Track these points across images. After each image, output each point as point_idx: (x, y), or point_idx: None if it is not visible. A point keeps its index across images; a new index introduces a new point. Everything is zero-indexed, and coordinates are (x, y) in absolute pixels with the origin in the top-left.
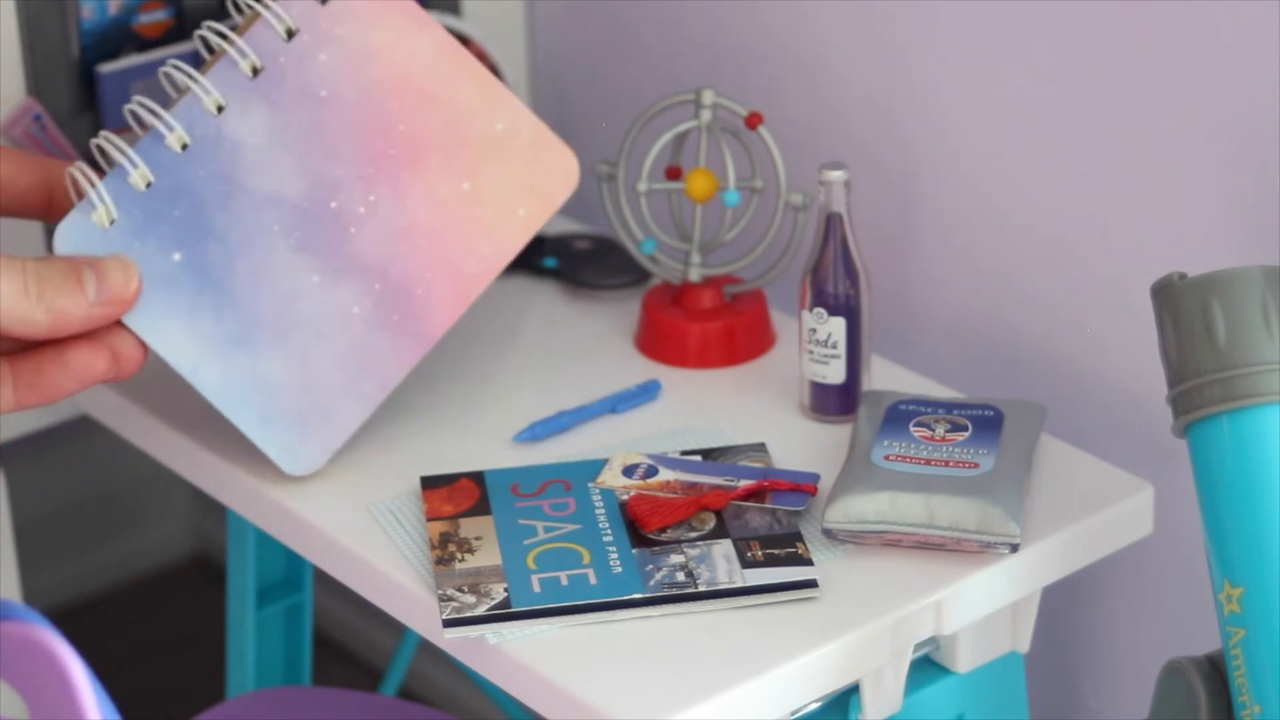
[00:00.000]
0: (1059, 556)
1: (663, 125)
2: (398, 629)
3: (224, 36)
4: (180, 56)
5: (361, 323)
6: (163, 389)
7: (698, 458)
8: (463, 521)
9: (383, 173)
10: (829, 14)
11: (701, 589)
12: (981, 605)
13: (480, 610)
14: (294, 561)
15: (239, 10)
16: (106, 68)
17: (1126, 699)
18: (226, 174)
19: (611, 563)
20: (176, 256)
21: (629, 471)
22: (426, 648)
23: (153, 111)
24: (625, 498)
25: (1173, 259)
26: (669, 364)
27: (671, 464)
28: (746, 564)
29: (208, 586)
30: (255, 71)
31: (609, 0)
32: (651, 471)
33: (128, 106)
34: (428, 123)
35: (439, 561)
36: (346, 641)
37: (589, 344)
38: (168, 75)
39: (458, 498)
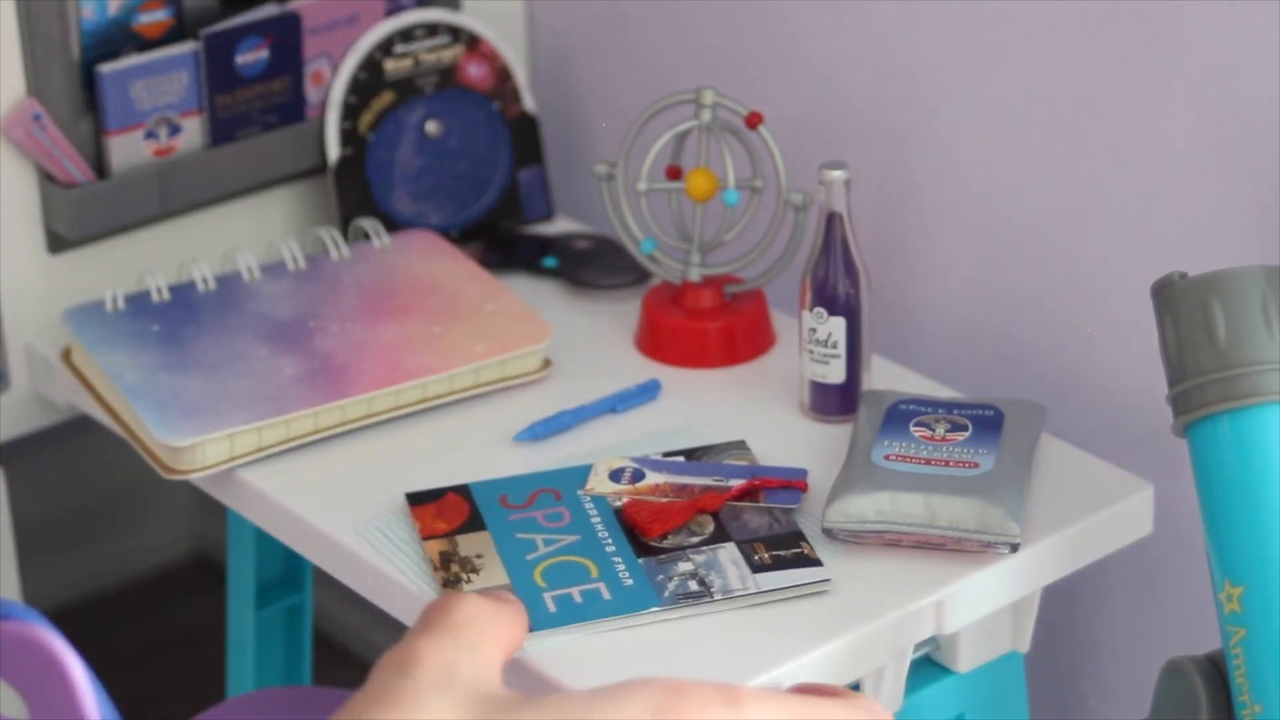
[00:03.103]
0: (1059, 556)
1: (663, 125)
2: (398, 629)
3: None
4: (180, 56)
5: (287, 377)
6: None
7: (681, 459)
8: (459, 539)
9: (366, 316)
10: (829, 14)
11: (717, 597)
12: (982, 605)
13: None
14: (294, 561)
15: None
16: (106, 68)
17: (1126, 699)
18: (232, 301)
19: (621, 575)
20: (155, 328)
21: (615, 476)
22: None
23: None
24: (618, 504)
25: (1173, 259)
26: (669, 364)
27: (657, 466)
28: (755, 568)
29: (208, 586)
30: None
31: (609, 0)
32: (638, 475)
33: None
34: (427, 301)
35: (446, 584)
36: (346, 641)
37: (589, 344)
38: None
39: (449, 514)
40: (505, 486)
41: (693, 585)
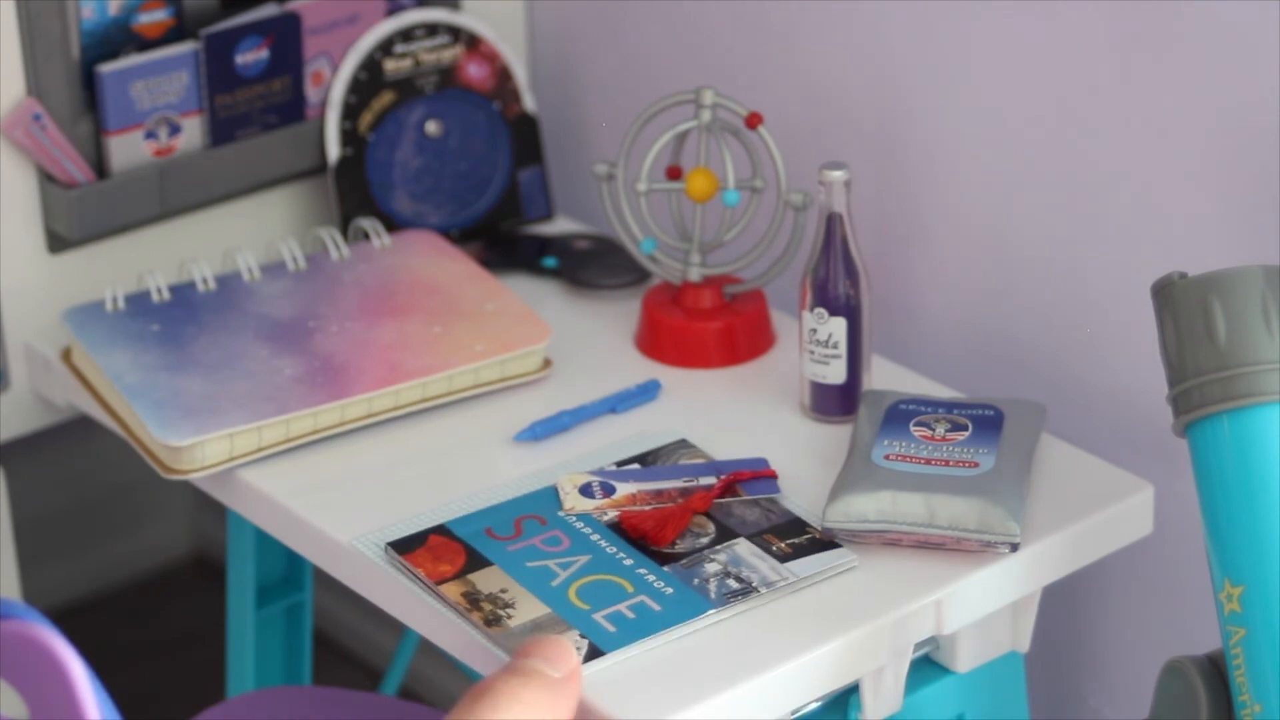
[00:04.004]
0: (1059, 556)
1: (663, 125)
2: (398, 629)
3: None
4: (180, 56)
5: (287, 378)
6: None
7: (636, 465)
8: (472, 578)
9: (366, 316)
10: (829, 14)
11: (761, 590)
12: (981, 605)
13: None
14: (294, 561)
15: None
16: (106, 68)
17: (1126, 699)
18: (232, 301)
19: (656, 586)
20: (155, 328)
21: (587, 491)
22: (426, 648)
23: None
24: (607, 518)
25: (1173, 259)
26: (669, 364)
27: (621, 476)
28: (780, 558)
29: (208, 586)
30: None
31: (609, 0)
32: (609, 488)
33: None
34: (427, 301)
35: (489, 622)
36: (346, 641)
37: (589, 344)
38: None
39: (444, 554)
40: (483, 519)
41: (732, 583)
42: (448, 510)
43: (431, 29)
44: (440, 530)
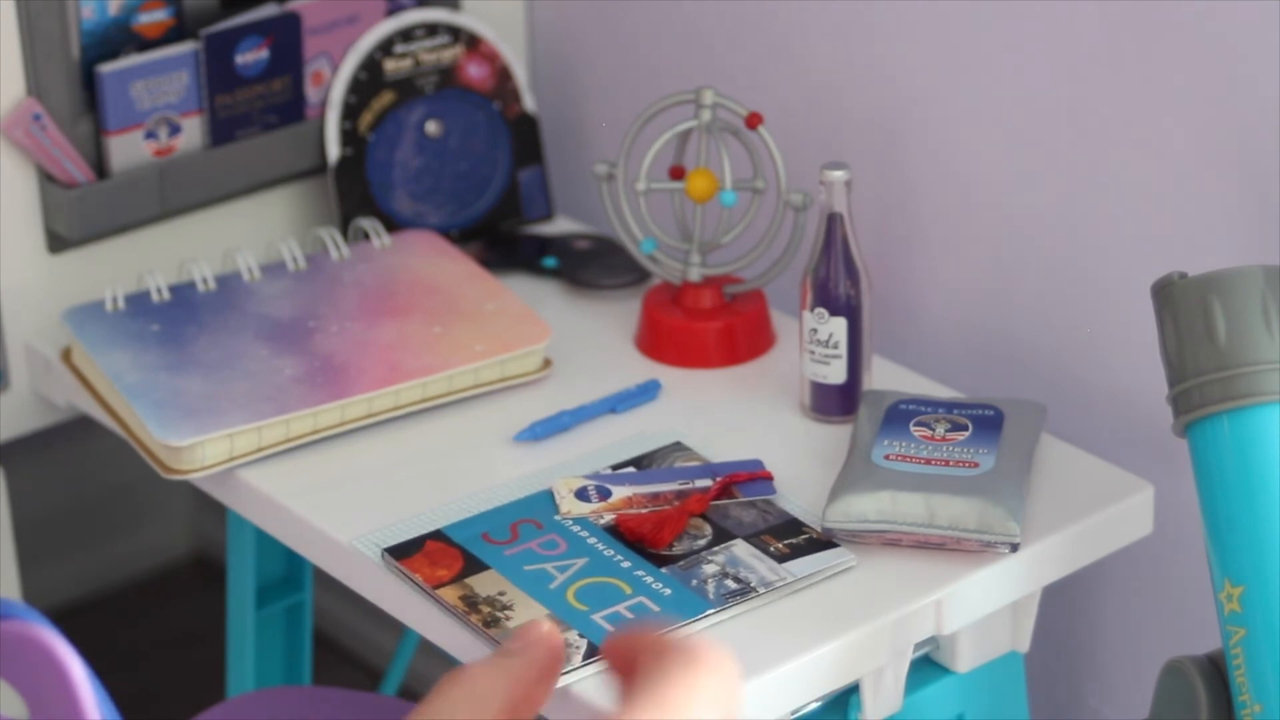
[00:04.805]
0: (1059, 556)
1: (663, 125)
2: (398, 629)
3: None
4: (180, 56)
5: (287, 378)
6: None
7: (631, 469)
8: (469, 582)
9: (366, 316)
10: (829, 14)
11: (760, 590)
12: (981, 605)
13: (576, 660)
14: (294, 561)
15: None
16: (106, 68)
17: (1126, 699)
18: (232, 301)
19: (654, 587)
20: (155, 328)
21: (582, 495)
22: (426, 648)
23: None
24: (603, 522)
25: (1173, 259)
26: (669, 364)
27: (617, 480)
28: (777, 559)
29: (208, 586)
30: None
31: (609, 0)
32: (604, 491)
33: None
34: (427, 301)
35: (488, 624)
36: (346, 641)
37: (589, 344)
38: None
39: (441, 560)
40: (480, 524)
41: (730, 584)
42: (447, 512)
43: (431, 29)
44: (437, 535)
